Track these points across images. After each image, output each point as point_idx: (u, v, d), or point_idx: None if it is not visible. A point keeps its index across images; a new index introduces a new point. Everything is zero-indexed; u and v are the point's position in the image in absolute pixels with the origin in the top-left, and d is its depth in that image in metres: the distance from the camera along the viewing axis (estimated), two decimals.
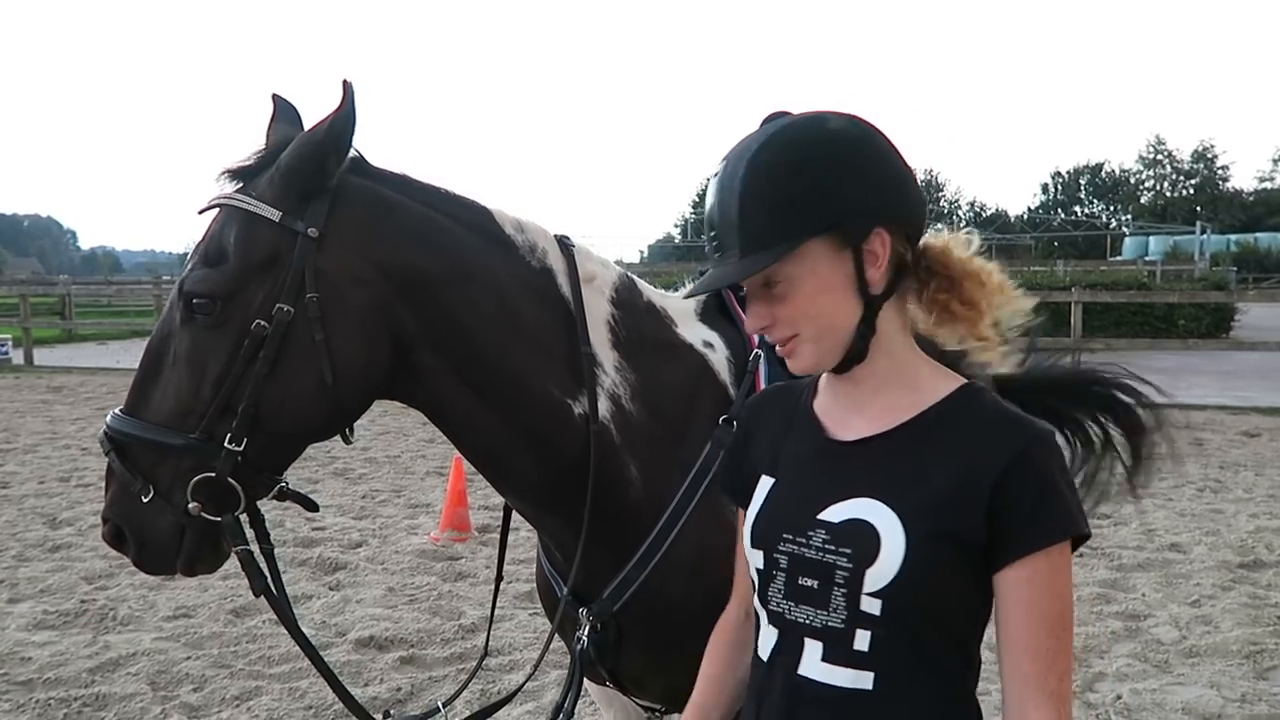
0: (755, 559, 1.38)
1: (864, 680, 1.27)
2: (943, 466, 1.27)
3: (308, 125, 1.72)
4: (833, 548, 1.28)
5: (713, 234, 1.32)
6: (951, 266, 1.35)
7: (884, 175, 1.31)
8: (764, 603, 1.38)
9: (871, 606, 1.26)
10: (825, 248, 1.28)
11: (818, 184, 1.27)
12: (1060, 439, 1.32)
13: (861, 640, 1.27)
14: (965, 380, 1.36)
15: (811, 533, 1.31)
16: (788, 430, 1.44)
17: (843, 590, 1.27)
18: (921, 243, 1.36)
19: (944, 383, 1.35)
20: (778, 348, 1.35)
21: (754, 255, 1.28)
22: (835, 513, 1.30)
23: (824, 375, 1.44)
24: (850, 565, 1.26)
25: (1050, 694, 1.22)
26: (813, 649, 1.30)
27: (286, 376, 1.66)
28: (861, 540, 1.27)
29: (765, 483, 1.42)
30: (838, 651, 1.29)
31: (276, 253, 1.67)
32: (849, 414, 1.38)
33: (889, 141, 1.34)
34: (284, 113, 1.83)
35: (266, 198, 1.68)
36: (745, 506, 1.45)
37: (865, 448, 1.34)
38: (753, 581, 1.40)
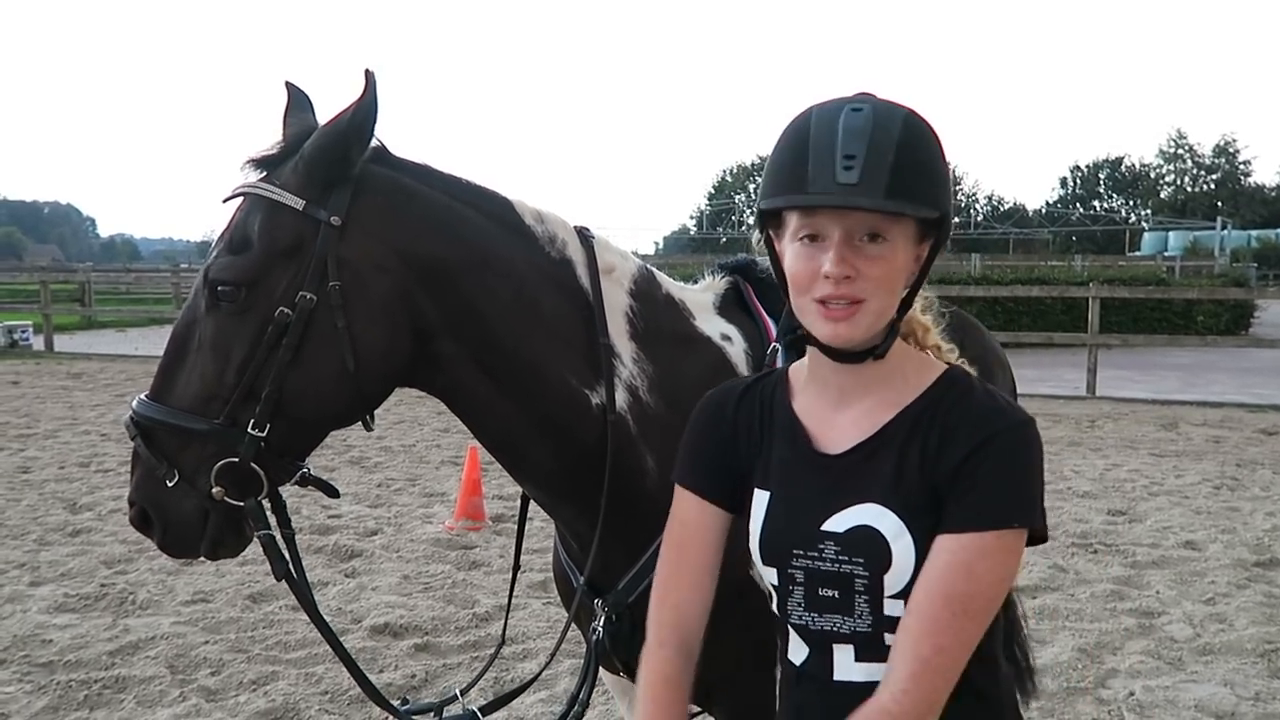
0: (769, 575, 1.38)
1: None
2: (926, 462, 1.28)
3: (330, 114, 1.73)
4: (846, 558, 1.29)
5: (850, 160, 1.24)
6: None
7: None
8: (785, 616, 1.38)
9: (895, 609, 1.27)
10: (913, 233, 1.30)
11: (945, 175, 1.33)
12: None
13: (891, 639, 1.28)
14: (946, 366, 1.38)
15: (821, 546, 1.31)
16: (769, 435, 1.42)
17: (865, 597, 1.28)
18: None
19: (927, 373, 1.36)
20: (829, 308, 1.27)
21: (900, 200, 1.25)
22: (838, 522, 1.30)
23: (802, 371, 1.43)
24: (867, 573, 1.27)
25: (916, 657, 1.21)
26: (844, 653, 1.31)
27: (309, 363, 1.68)
28: (871, 547, 1.27)
29: (761, 497, 1.39)
30: (870, 650, 1.30)
31: (300, 240, 1.68)
32: (835, 413, 1.37)
33: None
34: (298, 101, 1.85)
35: (290, 186, 1.69)
36: (731, 510, 1.43)
37: (857, 454, 1.33)
38: (769, 595, 1.40)
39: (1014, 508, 1.23)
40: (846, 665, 1.31)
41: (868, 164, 1.24)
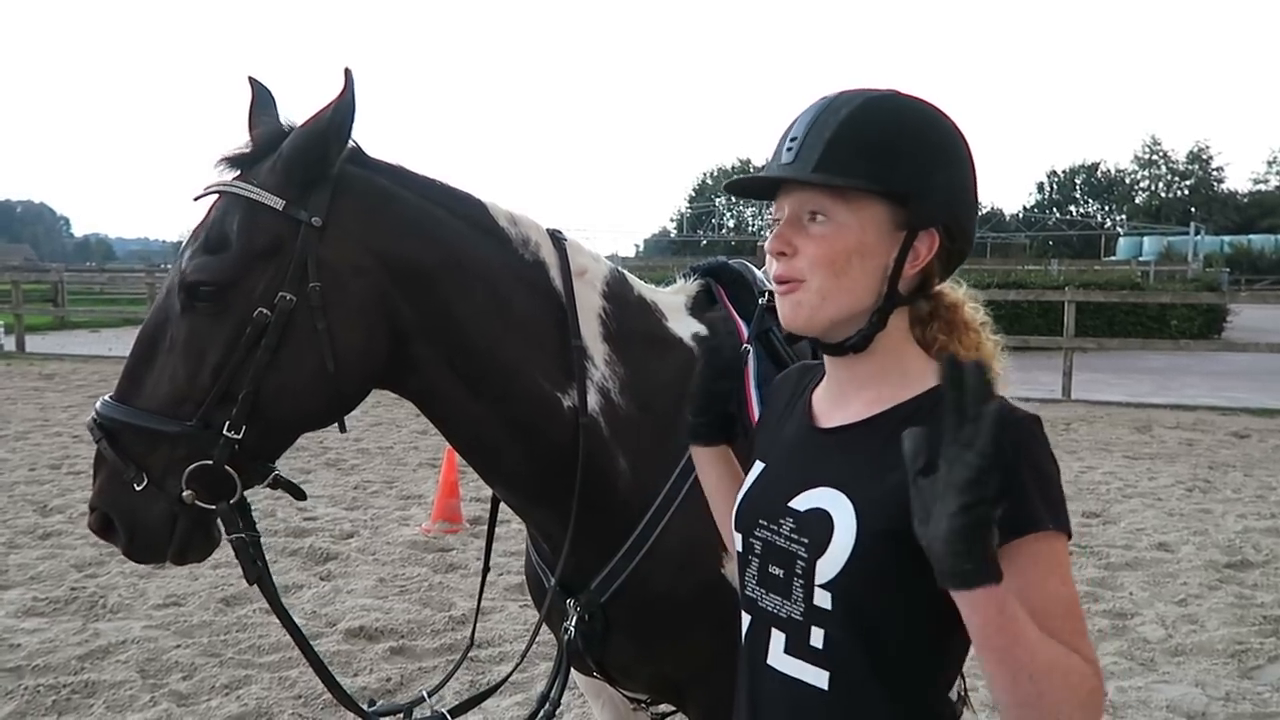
0: (737, 542, 1.39)
1: (820, 679, 1.26)
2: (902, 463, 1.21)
3: (303, 112, 1.72)
4: (796, 536, 1.28)
5: (793, 141, 1.29)
6: (957, 316, 1.38)
7: (967, 191, 1.34)
8: (742, 587, 1.38)
9: (823, 600, 1.24)
10: (884, 217, 1.27)
11: (915, 154, 1.28)
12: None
13: (816, 636, 1.26)
14: None
15: (782, 520, 1.31)
16: (788, 415, 1.46)
17: (800, 581, 1.26)
18: (937, 287, 1.37)
19: (930, 376, 1.31)
20: (777, 287, 1.31)
21: (826, 173, 1.25)
22: (802, 501, 1.30)
23: (829, 365, 1.42)
24: (806, 555, 1.26)
25: (1068, 632, 1.11)
26: (778, 639, 1.30)
27: (288, 364, 1.67)
28: (818, 530, 1.26)
29: (756, 467, 1.43)
30: (798, 645, 1.28)
31: (279, 241, 1.67)
32: (836, 404, 1.38)
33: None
34: (262, 97, 1.83)
35: (269, 185, 1.68)
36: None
37: (837, 436, 1.33)
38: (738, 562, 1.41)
39: (1048, 508, 1.17)
40: (777, 653, 1.30)
41: (804, 144, 1.29)
